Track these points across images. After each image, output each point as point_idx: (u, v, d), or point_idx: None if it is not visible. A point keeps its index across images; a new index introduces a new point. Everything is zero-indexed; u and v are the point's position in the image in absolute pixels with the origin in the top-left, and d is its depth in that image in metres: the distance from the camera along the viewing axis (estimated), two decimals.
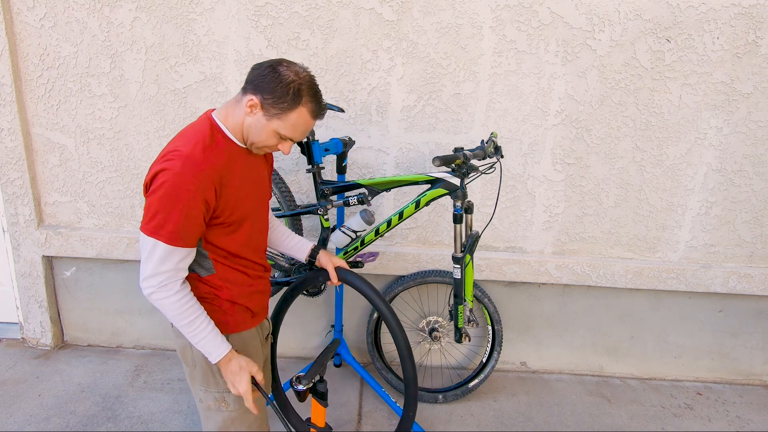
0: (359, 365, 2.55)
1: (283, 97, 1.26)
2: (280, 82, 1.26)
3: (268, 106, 1.28)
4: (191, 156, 1.24)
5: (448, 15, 2.29)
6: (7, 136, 2.46)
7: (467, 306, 2.05)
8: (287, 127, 1.31)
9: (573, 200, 2.56)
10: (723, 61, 2.34)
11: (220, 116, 1.35)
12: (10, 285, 2.78)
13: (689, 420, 2.52)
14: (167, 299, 1.30)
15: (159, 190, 1.23)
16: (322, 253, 1.72)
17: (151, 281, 1.28)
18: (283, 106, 1.27)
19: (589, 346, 2.82)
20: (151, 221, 1.24)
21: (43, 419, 2.26)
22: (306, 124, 1.32)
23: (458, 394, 2.53)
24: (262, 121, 1.30)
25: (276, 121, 1.29)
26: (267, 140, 1.33)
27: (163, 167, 1.23)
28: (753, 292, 2.64)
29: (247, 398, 1.39)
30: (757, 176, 2.51)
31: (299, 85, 1.27)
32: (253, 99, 1.28)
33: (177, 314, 1.32)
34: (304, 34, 2.32)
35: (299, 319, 2.76)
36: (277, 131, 1.31)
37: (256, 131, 1.32)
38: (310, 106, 1.30)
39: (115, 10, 2.31)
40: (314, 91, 1.31)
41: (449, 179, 1.94)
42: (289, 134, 1.32)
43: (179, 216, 1.23)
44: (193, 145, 1.26)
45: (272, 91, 1.26)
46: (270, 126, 1.30)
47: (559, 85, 2.38)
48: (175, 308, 1.31)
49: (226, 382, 1.40)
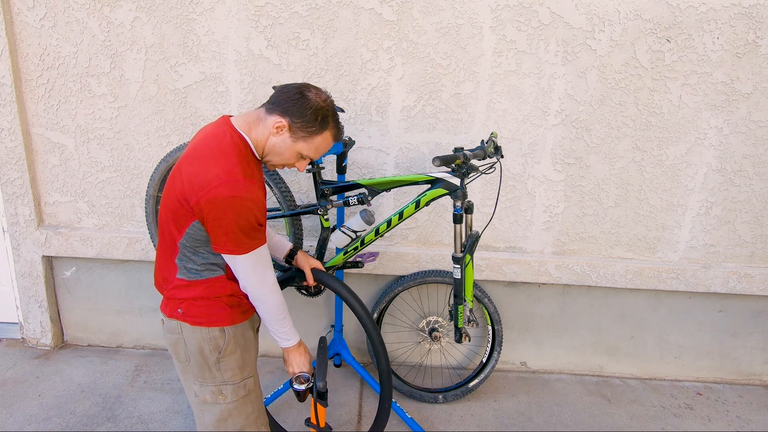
0: (359, 365, 2.55)
1: (312, 122, 1.37)
2: (310, 108, 1.36)
3: (296, 129, 1.38)
4: (246, 179, 1.31)
5: (448, 15, 2.29)
6: (7, 136, 2.46)
7: (467, 306, 2.05)
8: (311, 149, 1.42)
9: (573, 200, 2.56)
10: (723, 61, 2.34)
11: (243, 129, 1.39)
12: (10, 285, 2.78)
13: (689, 420, 2.52)
14: (279, 293, 1.48)
15: (227, 216, 1.29)
16: (300, 254, 1.82)
17: (276, 284, 1.46)
18: (311, 130, 1.38)
19: (589, 346, 2.82)
20: (241, 243, 1.34)
21: (43, 419, 2.26)
22: (327, 146, 1.46)
23: (458, 394, 2.53)
24: (288, 141, 1.39)
25: (302, 143, 1.40)
26: (288, 159, 1.43)
27: (223, 196, 1.27)
28: (753, 292, 2.64)
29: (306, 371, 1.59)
30: (757, 176, 2.51)
31: (326, 112, 1.39)
32: (282, 121, 1.37)
33: (280, 305, 1.49)
34: (304, 34, 2.32)
35: (299, 319, 2.76)
36: (300, 152, 1.42)
37: (280, 150, 1.40)
38: (334, 131, 1.44)
39: (115, 10, 2.31)
40: (336, 118, 1.44)
41: (449, 179, 1.94)
42: (311, 155, 1.44)
43: (254, 229, 1.35)
44: (240, 166, 1.32)
45: (302, 115, 1.36)
46: (295, 147, 1.40)
47: (559, 85, 2.38)
48: (281, 301, 1.49)
49: (292, 364, 1.56)
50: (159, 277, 1.50)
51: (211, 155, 1.32)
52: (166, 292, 1.48)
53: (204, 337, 1.43)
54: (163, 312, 1.49)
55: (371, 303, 2.72)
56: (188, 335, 1.44)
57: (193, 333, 1.43)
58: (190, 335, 1.44)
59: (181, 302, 1.44)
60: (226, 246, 1.34)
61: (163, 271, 1.48)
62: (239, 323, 1.50)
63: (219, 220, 1.30)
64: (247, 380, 1.52)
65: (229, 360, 1.47)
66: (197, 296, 1.43)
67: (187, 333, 1.44)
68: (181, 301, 1.44)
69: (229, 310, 1.46)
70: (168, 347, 1.51)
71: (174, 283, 1.45)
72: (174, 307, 1.45)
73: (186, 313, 1.43)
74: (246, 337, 1.53)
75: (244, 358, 1.51)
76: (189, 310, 1.43)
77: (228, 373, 1.47)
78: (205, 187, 1.28)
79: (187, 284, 1.44)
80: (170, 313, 1.45)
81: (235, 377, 1.48)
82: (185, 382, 1.52)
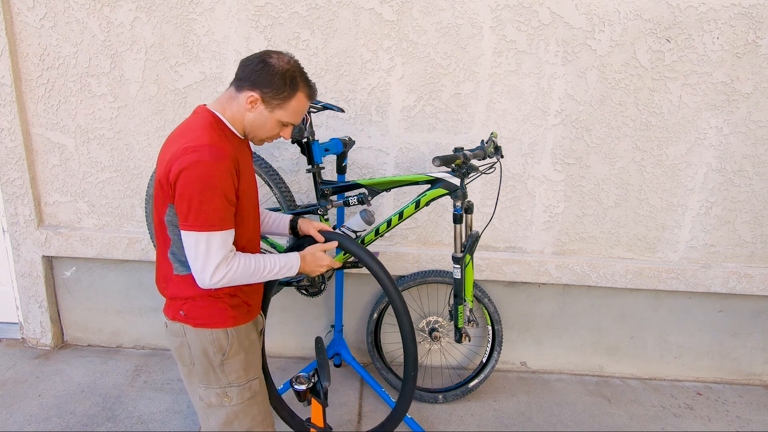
0: (359, 365, 2.55)
1: (282, 88, 1.34)
2: (276, 74, 1.33)
3: (269, 99, 1.35)
4: (212, 144, 1.28)
5: (448, 15, 2.29)
6: (7, 136, 2.46)
7: (467, 306, 2.05)
8: (289, 114, 1.39)
9: (573, 200, 2.56)
10: (723, 61, 2.34)
11: (217, 109, 1.39)
12: (10, 285, 2.78)
13: (689, 420, 2.52)
14: (237, 272, 1.35)
15: (192, 185, 1.25)
16: (301, 220, 1.76)
17: (219, 271, 1.32)
18: (283, 96, 1.35)
19: (589, 346, 2.82)
20: (198, 217, 1.27)
21: (43, 419, 2.26)
22: (304, 107, 1.42)
23: (458, 394, 2.53)
24: (265, 113, 1.37)
25: (278, 111, 1.38)
26: (271, 130, 1.41)
27: (188, 163, 1.25)
28: (753, 292, 2.64)
29: (334, 264, 1.60)
30: (757, 176, 2.51)
31: (293, 74, 1.36)
32: (253, 95, 1.34)
33: (250, 274, 1.38)
34: (304, 34, 2.32)
35: (299, 319, 2.76)
36: (280, 120, 1.39)
37: (261, 124, 1.39)
38: (306, 90, 1.40)
39: (115, 10, 2.31)
40: (305, 77, 1.40)
41: (449, 179, 1.94)
42: (291, 120, 1.41)
43: (221, 201, 1.28)
44: (209, 135, 1.30)
45: (270, 84, 1.34)
46: (273, 117, 1.38)
47: (559, 85, 2.38)
48: (246, 271, 1.37)
49: (311, 272, 1.55)
50: (159, 276, 1.50)
51: (181, 134, 1.33)
52: (167, 292, 1.47)
53: (207, 338, 1.42)
54: (165, 315, 1.48)
55: (371, 303, 2.72)
56: (192, 337, 1.43)
57: (196, 335, 1.42)
58: (193, 337, 1.43)
59: (183, 303, 1.43)
60: (187, 219, 1.27)
61: (162, 269, 1.47)
62: (242, 324, 1.49)
63: (184, 188, 1.26)
64: (252, 382, 1.50)
65: (233, 361, 1.45)
66: (196, 294, 1.42)
67: (190, 335, 1.43)
68: (182, 302, 1.43)
69: (232, 311, 1.45)
70: (172, 351, 1.50)
71: (173, 280, 1.44)
72: (176, 309, 1.44)
73: (188, 314, 1.43)
74: (250, 339, 1.52)
75: (249, 359, 1.50)
76: (191, 311, 1.43)
77: (233, 375, 1.46)
78: (176, 159, 1.27)
79: (182, 279, 1.42)
80: (173, 316, 1.45)
81: (240, 379, 1.47)
82: (190, 386, 1.51)
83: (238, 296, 1.47)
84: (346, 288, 2.68)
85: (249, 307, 1.52)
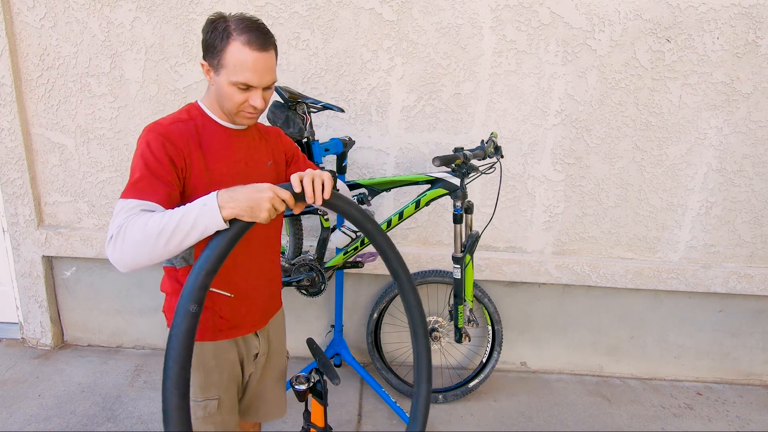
0: (359, 365, 2.55)
1: (215, 43, 1.18)
2: (206, 31, 1.20)
3: (211, 60, 1.21)
4: (156, 124, 1.22)
5: (448, 15, 2.29)
6: (7, 136, 2.46)
7: (467, 306, 2.05)
8: (233, 71, 1.18)
9: (573, 200, 2.56)
10: (723, 61, 2.34)
11: (201, 100, 1.33)
12: (10, 285, 2.78)
13: (689, 420, 2.52)
14: (127, 234, 1.08)
15: (136, 150, 1.19)
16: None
17: (113, 241, 1.10)
18: (219, 49, 1.18)
19: (589, 346, 2.82)
20: (129, 182, 1.17)
21: (43, 419, 2.26)
22: (247, 58, 1.17)
23: (458, 394, 2.53)
24: (217, 80, 1.22)
25: (223, 72, 1.19)
26: (232, 97, 1.21)
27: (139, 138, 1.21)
28: (753, 292, 2.64)
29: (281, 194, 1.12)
30: (757, 176, 2.51)
31: (225, 23, 1.18)
32: (204, 64, 1.24)
33: (142, 233, 1.07)
34: (304, 34, 2.32)
35: (299, 319, 2.76)
36: (230, 81, 1.19)
37: (219, 93, 1.23)
38: (243, 37, 1.16)
39: (115, 10, 2.31)
40: (245, 24, 1.18)
41: (449, 179, 1.95)
42: (240, 79, 1.18)
43: (141, 171, 1.16)
44: (163, 119, 1.25)
45: (205, 42, 1.21)
46: (223, 80, 1.20)
47: (559, 85, 2.38)
48: (138, 231, 1.08)
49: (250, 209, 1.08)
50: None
51: None
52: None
53: None
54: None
55: (371, 303, 2.72)
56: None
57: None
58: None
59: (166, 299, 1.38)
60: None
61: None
62: (207, 341, 1.33)
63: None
64: (209, 402, 1.35)
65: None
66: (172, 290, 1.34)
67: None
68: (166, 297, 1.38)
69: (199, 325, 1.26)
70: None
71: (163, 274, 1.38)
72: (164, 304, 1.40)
73: (166, 311, 1.38)
74: (219, 359, 1.35)
75: (209, 380, 1.34)
76: (169, 308, 1.37)
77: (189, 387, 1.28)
78: None
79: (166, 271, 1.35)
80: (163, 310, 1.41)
81: (195, 394, 1.34)
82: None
83: (209, 308, 1.31)
84: (346, 288, 2.68)
85: (226, 322, 1.34)
